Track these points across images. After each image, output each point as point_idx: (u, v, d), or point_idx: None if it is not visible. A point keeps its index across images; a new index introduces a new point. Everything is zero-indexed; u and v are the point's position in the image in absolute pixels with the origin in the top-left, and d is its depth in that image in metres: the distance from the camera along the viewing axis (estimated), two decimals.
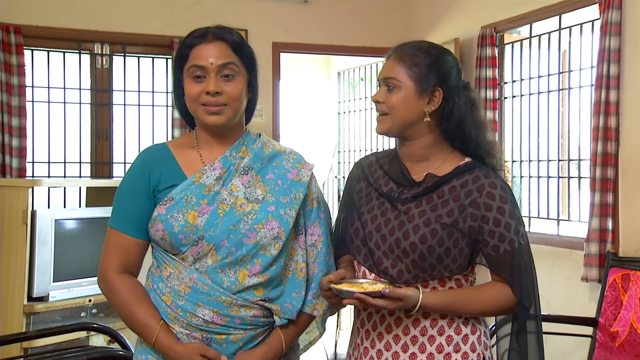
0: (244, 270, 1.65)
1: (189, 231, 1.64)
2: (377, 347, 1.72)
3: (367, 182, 1.83)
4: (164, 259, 1.70)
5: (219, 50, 1.69)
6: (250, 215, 1.67)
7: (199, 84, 1.68)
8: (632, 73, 3.39)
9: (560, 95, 4.12)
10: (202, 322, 1.64)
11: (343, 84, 6.57)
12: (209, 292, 1.63)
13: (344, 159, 6.53)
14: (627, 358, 3.10)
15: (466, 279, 1.73)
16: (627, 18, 3.39)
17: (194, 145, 1.77)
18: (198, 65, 1.68)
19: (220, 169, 1.71)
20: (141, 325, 1.66)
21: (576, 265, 3.62)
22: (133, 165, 1.76)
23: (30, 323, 3.49)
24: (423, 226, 1.67)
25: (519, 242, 1.67)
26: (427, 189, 1.71)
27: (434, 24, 4.94)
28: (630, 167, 3.41)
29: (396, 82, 1.71)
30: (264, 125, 4.96)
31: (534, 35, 4.20)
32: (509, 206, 1.67)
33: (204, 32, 1.71)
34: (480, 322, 1.75)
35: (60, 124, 4.59)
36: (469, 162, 1.74)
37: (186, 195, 1.67)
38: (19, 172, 4.18)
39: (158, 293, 1.68)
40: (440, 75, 1.72)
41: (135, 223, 1.70)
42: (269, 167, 1.76)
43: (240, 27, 4.88)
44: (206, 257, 1.65)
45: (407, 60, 1.72)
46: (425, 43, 1.78)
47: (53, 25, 4.45)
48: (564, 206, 4.17)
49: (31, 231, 3.50)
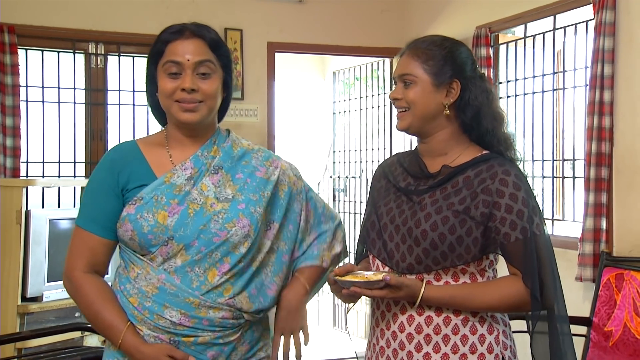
0: (213, 270, 1.64)
1: (158, 231, 1.62)
2: (392, 347, 1.70)
3: (386, 180, 1.83)
4: (131, 260, 1.67)
5: (196, 47, 1.67)
6: (220, 215, 1.65)
7: (174, 80, 1.66)
8: (626, 73, 3.40)
9: (554, 95, 4.13)
10: (170, 323, 1.61)
11: (338, 84, 6.57)
12: (177, 292, 1.61)
13: (339, 158, 6.53)
14: (620, 357, 3.11)
15: (482, 274, 1.69)
16: (621, 18, 3.40)
17: (164, 143, 1.74)
18: (174, 61, 1.65)
19: (191, 168, 1.69)
20: (107, 325, 1.63)
21: (570, 264, 3.62)
22: (102, 164, 1.73)
23: (24, 323, 3.48)
24: (434, 214, 1.65)
25: (532, 231, 1.62)
26: (442, 180, 1.70)
27: (429, 24, 4.95)
28: (624, 167, 3.43)
29: (412, 78, 1.71)
30: (258, 125, 4.96)
31: (529, 35, 4.21)
32: (522, 193, 1.64)
33: (181, 28, 1.69)
34: (499, 321, 1.70)
35: (55, 123, 4.57)
36: (485, 154, 1.73)
37: (156, 195, 1.64)
38: (13, 172, 4.17)
39: (125, 294, 1.66)
40: (456, 67, 1.72)
41: (103, 222, 1.67)
42: (238, 166, 1.74)
43: (235, 26, 4.88)
44: (175, 257, 1.63)
45: (421, 55, 1.72)
46: (438, 36, 1.78)
47: (47, 25, 4.43)
48: (558, 206, 4.18)
49: (25, 231, 3.49)
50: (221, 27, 4.76)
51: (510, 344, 1.72)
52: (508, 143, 1.75)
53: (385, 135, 5.67)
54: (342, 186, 6.29)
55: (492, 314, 1.69)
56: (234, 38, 4.86)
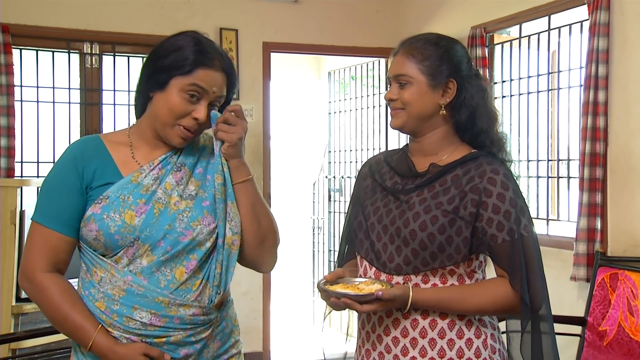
0: (180, 268, 1.62)
1: (125, 231, 1.58)
2: (378, 350, 1.68)
3: (372, 179, 1.81)
4: (93, 263, 1.62)
5: (222, 83, 1.67)
6: (185, 213, 1.63)
7: (189, 104, 1.63)
8: (620, 73, 3.41)
9: (549, 96, 4.13)
10: (140, 325, 1.58)
11: (333, 84, 6.57)
12: (145, 293, 1.58)
13: (334, 158, 6.53)
14: (615, 357, 3.12)
15: (471, 276, 1.67)
16: (615, 19, 3.41)
17: (128, 143, 1.70)
18: (203, 87, 1.62)
19: (158, 169, 1.66)
20: (77, 328, 1.59)
21: (565, 264, 3.63)
22: (64, 158, 1.66)
23: (19, 324, 3.47)
24: (423, 213, 1.63)
25: (519, 232, 1.60)
26: (430, 179, 1.68)
27: (424, 24, 4.95)
28: (618, 167, 3.44)
29: (408, 78, 1.68)
30: (254, 125, 4.95)
31: (524, 35, 4.22)
32: (510, 193, 1.61)
33: (213, 57, 1.65)
34: (486, 324, 1.68)
35: (50, 123, 4.56)
36: (474, 152, 1.71)
37: (123, 195, 1.61)
38: (7, 172, 4.16)
39: (91, 299, 1.62)
40: (452, 66, 1.69)
41: (65, 220, 1.61)
42: (198, 162, 1.72)
43: (231, 26, 4.88)
44: (141, 257, 1.60)
45: (416, 54, 1.69)
46: (433, 35, 1.74)
47: (42, 25, 4.42)
48: (553, 206, 4.19)
49: (20, 231, 3.47)
50: (216, 27, 4.75)
51: (499, 347, 1.70)
52: (500, 144, 1.74)
53: (381, 135, 5.67)
54: (338, 186, 6.29)
55: (479, 317, 1.67)
56: (229, 38, 4.86)
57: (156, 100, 1.66)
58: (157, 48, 1.69)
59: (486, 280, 1.68)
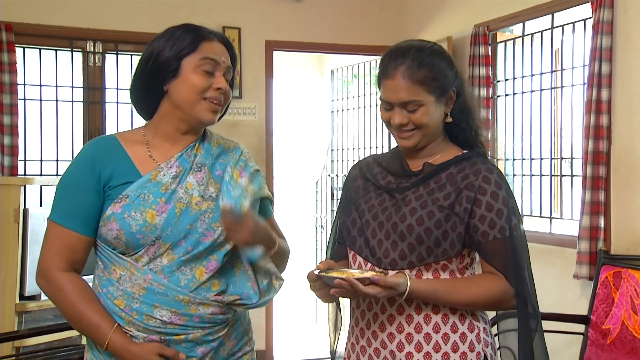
0: (200, 268, 1.64)
1: (147, 230, 1.59)
2: (373, 346, 1.69)
3: (364, 179, 1.82)
4: (112, 261, 1.63)
5: (226, 53, 1.72)
6: (207, 214, 1.65)
7: (208, 78, 1.65)
8: (623, 72, 3.40)
9: (552, 94, 4.13)
10: (160, 323, 1.60)
11: (336, 82, 6.56)
12: (166, 292, 1.60)
13: (337, 157, 6.53)
14: (618, 355, 3.11)
15: (463, 272, 1.70)
16: (618, 17, 3.40)
17: (144, 141, 1.71)
18: (213, 58, 1.66)
19: (176, 167, 1.67)
20: (93, 327, 1.59)
21: (568, 263, 3.63)
22: (80, 158, 1.67)
23: (22, 322, 3.48)
24: (420, 208, 1.66)
25: (510, 231, 1.63)
26: (425, 177, 1.71)
27: (427, 23, 4.95)
28: (621, 165, 3.43)
29: (418, 103, 1.67)
30: (257, 124, 4.96)
31: (527, 33, 4.21)
32: (503, 192, 1.65)
33: (210, 31, 1.71)
34: (479, 318, 1.71)
35: (53, 122, 4.57)
36: (466, 153, 1.75)
37: (143, 193, 1.61)
38: (10, 171, 4.16)
39: (109, 297, 1.62)
40: (451, 77, 1.72)
41: (82, 219, 1.62)
42: (217, 163, 1.73)
43: (233, 25, 4.88)
44: (162, 256, 1.61)
45: (422, 78, 1.66)
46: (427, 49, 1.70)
47: (45, 23, 4.42)
48: (556, 204, 4.18)
49: (23, 230, 3.48)
50: (219, 26, 4.75)
51: (491, 341, 1.74)
52: (487, 145, 1.79)
53: (384, 133, 5.67)
54: (341, 184, 6.29)
55: (472, 311, 1.69)
56: (232, 36, 4.86)
57: (173, 88, 1.66)
58: (151, 47, 1.70)
59: (478, 275, 1.71)
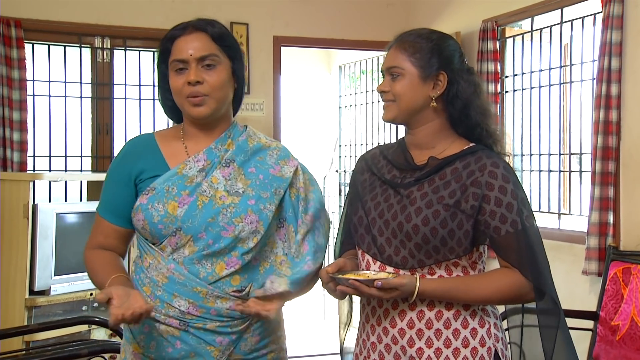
0: (221, 263, 1.66)
1: (168, 221, 1.65)
2: (384, 342, 1.69)
3: (370, 173, 1.82)
4: (144, 250, 1.71)
5: (199, 42, 1.69)
6: (229, 209, 1.67)
7: (181, 76, 1.69)
8: (633, 67, 3.38)
9: (561, 89, 4.11)
10: (179, 312, 1.64)
11: (344, 78, 6.56)
12: (185, 282, 1.64)
13: (345, 152, 6.53)
14: (627, 351, 3.10)
15: (474, 267, 1.68)
16: (629, 11, 3.38)
17: (180, 136, 1.78)
18: (179, 59, 1.69)
19: (204, 160, 1.72)
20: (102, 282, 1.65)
21: (577, 258, 3.62)
22: (118, 155, 1.80)
23: (32, 317, 3.50)
24: (425, 208, 1.65)
25: (522, 223, 1.62)
26: (430, 172, 1.70)
27: (435, 18, 4.93)
28: (631, 161, 3.41)
29: (399, 70, 1.71)
30: (264, 119, 4.96)
31: (536, 28, 4.19)
32: (511, 186, 1.63)
33: (185, 25, 1.72)
34: (489, 314, 1.70)
35: (61, 117, 4.59)
36: (472, 146, 1.73)
37: (168, 186, 1.68)
38: (20, 166, 4.18)
39: (139, 283, 1.70)
40: (443, 59, 1.71)
41: (114, 211, 1.75)
42: (252, 160, 1.76)
43: (241, 20, 4.88)
44: (184, 247, 1.65)
45: (408, 47, 1.73)
46: (425, 29, 1.78)
47: (53, 19, 4.44)
48: (565, 200, 4.17)
49: (32, 225, 3.50)
50: (227, 21, 4.75)
51: (502, 336, 1.73)
52: (496, 137, 1.75)
53: (392, 128, 5.66)
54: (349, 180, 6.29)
55: (482, 307, 1.69)
56: (240, 32, 4.86)
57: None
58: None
59: (492, 270, 1.70)
